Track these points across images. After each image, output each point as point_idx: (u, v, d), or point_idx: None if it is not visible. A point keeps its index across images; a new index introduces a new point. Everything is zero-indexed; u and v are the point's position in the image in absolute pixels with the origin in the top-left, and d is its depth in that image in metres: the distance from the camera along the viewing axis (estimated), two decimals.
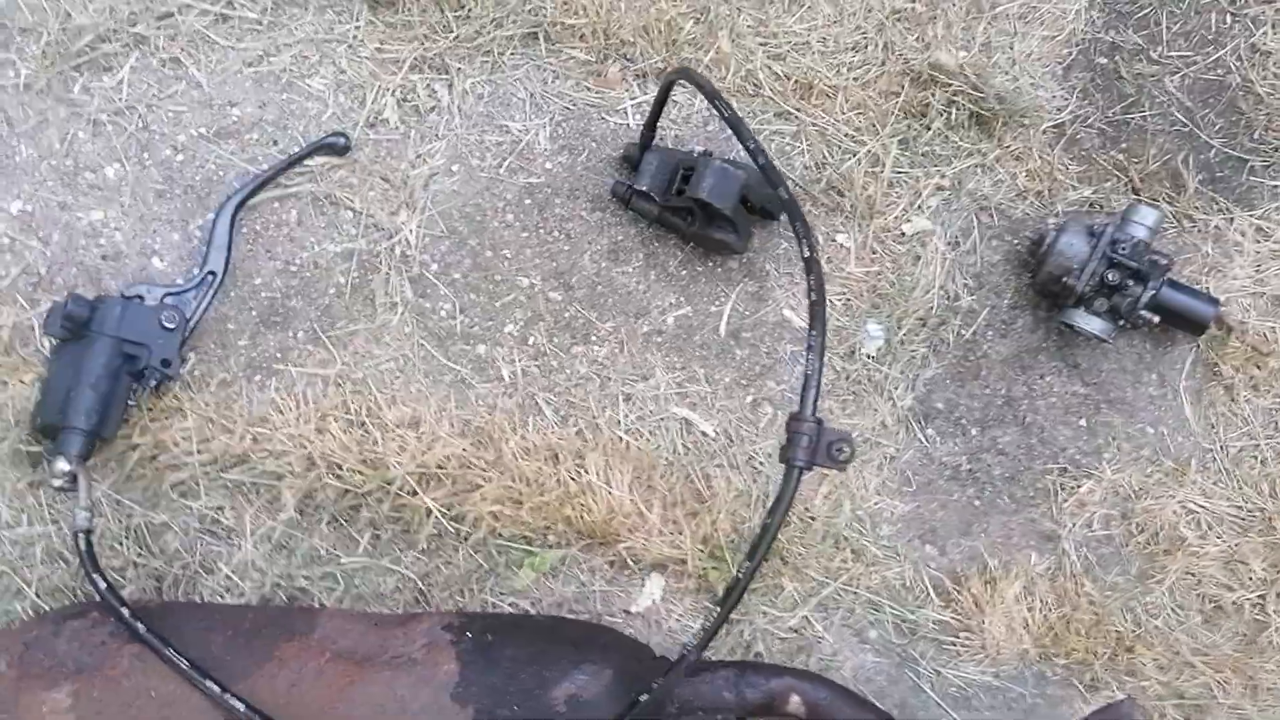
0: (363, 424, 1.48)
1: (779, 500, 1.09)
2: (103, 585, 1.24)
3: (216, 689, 1.17)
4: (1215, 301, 1.55)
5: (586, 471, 1.49)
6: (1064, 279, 1.51)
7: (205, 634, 1.23)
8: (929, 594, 1.54)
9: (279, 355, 1.50)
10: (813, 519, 1.54)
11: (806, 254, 1.13)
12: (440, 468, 1.46)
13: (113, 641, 1.22)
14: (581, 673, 1.27)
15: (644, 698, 1.21)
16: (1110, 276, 1.48)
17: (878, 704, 1.42)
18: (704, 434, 1.55)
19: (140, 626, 1.20)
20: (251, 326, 1.51)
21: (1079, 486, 1.58)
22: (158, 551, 1.43)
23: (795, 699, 1.37)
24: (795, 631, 1.51)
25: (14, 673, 1.19)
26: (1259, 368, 1.62)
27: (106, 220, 1.48)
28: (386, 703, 1.22)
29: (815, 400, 1.06)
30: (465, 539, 1.47)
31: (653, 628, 1.49)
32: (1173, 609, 1.55)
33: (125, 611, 1.21)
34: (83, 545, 1.29)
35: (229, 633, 1.24)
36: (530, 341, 1.55)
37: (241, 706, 1.16)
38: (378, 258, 1.52)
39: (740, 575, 1.09)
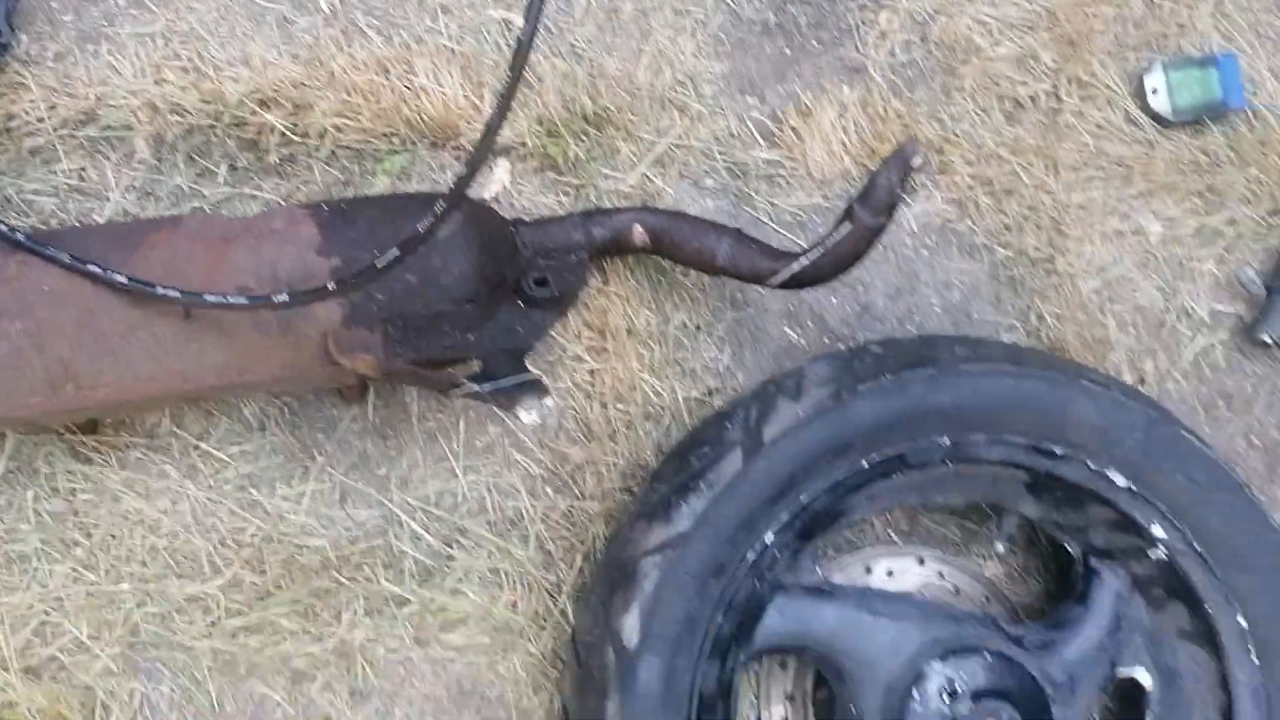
0: (196, 68, 1.56)
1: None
2: None
3: (97, 269, 1.29)
4: None
5: (417, 76, 1.60)
6: None
7: (81, 239, 1.34)
8: (755, 138, 1.68)
9: (105, 22, 1.57)
10: (638, 89, 1.66)
11: None
12: (276, 91, 1.56)
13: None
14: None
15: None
16: None
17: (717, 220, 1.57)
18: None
19: (20, 236, 1.31)
20: (74, 2, 1.57)
21: (878, 19, 1.71)
22: (33, 214, 1.54)
23: (638, 229, 1.52)
24: (637, 189, 1.64)
25: None
26: None
27: None
28: (257, 266, 1.35)
29: None
30: (315, 153, 1.58)
31: (507, 210, 1.62)
32: (975, 112, 1.70)
33: (3, 227, 1.31)
34: None
35: (102, 236, 1.36)
36: None
37: (124, 279, 1.29)
38: None
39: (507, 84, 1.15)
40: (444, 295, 1.38)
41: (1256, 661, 1.36)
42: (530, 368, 1.34)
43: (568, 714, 1.36)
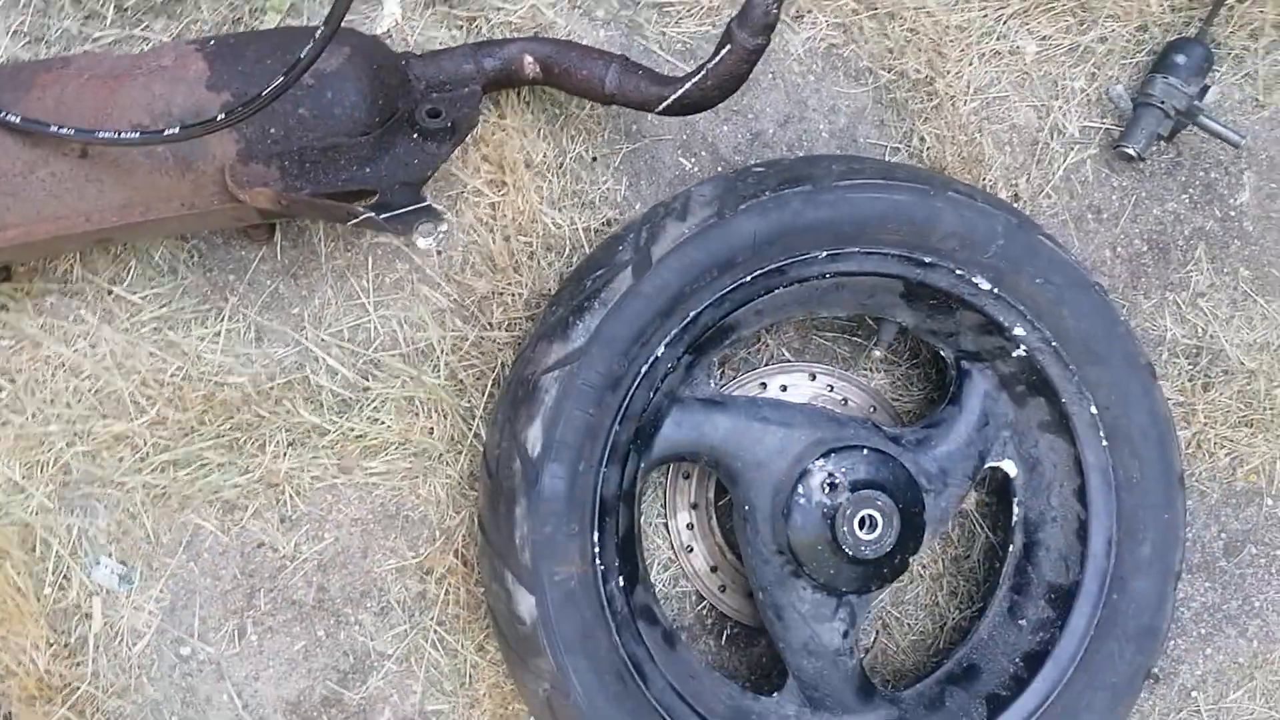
0: None
1: None
2: None
3: None
4: None
5: None
6: None
7: None
8: None
9: None
10: None
11: None
12: None
13: None
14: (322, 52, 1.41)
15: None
16: None
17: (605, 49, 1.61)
18: None
19: None
20: None
21: None
22: None
23: (528, 59, 1.55)
24: (528, 20, 1.66)
25: None
26: None
27: None
28: (150, 103, 1.36)
29: None
30: None
31: (400, 45, 1.64)
32: None
33: None
34: None
35: None
36: None
37: (17, 119, 1.30)
38: None
39: None
40: (338, 128, 1.41)
41: (1105, 444, 1.50)
42: (425, 196, 1.38)
43: (483, 526, 1.47)
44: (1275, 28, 1.79)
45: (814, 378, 1.69)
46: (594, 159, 1.69)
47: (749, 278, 1.44)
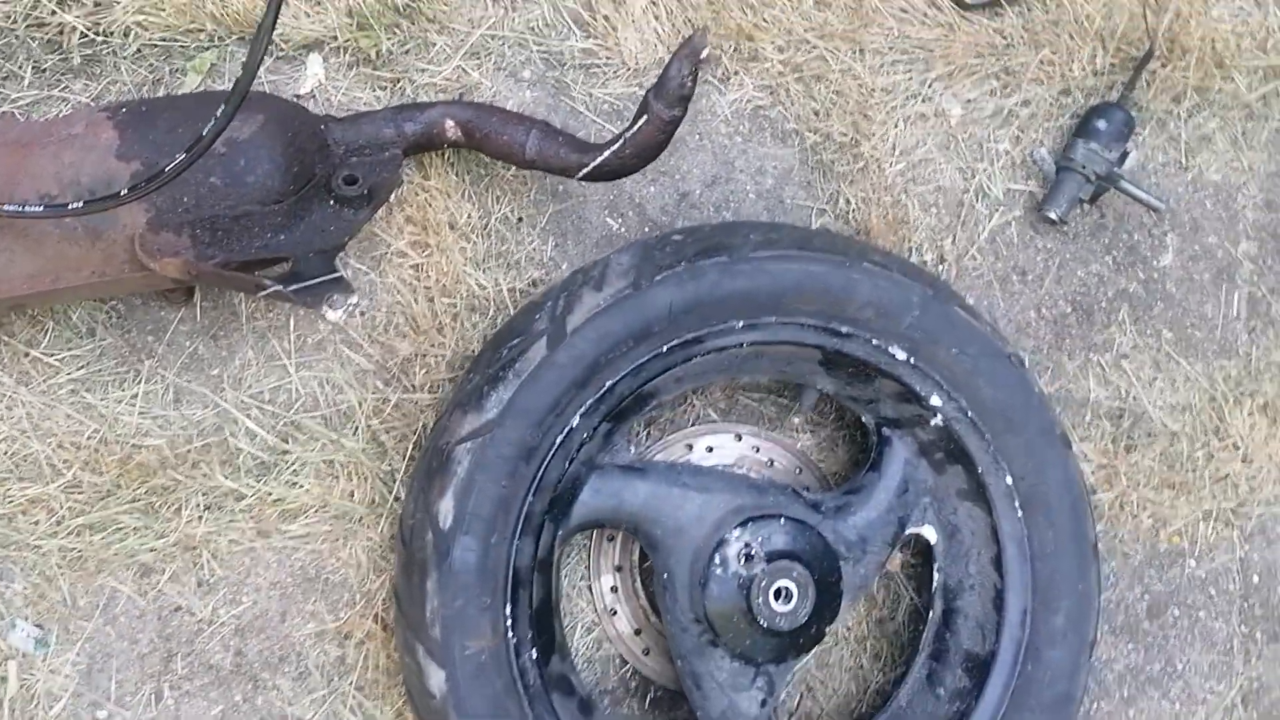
0: None
1: None
2: None
3: None
4: None
5: None
6: None
7: None
8: (569, 26, 1.70)
9: None
10: None
11: None
12: None
13: None
14: (235, 119, 1.40)
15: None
16: None
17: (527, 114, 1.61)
18: None
19: None
20: None
21: None
22: None
23: (450, 123, 1.54)
24: (454, 81, 1.66)
25: None
26: None
27: None
28: (59, 172, 1.35)
29: None
30: (121, 53, 1.56)
31: (324, 106, 1.63)
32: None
33: None
34: None
35: None
36: None
37: None
38: None
39: None
40: (251, 196, 1.41)
41: (1021, 514, 1.51)
42: (338, 266, 1.38)
43: (397, 596, 1.46)
44: (1198, 91, 1.82)
45: (740, 438, 1.69)
46: (519, 219, 1.69)
47: (665, 348, 1.44)
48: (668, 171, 1.73)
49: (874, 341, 1.48)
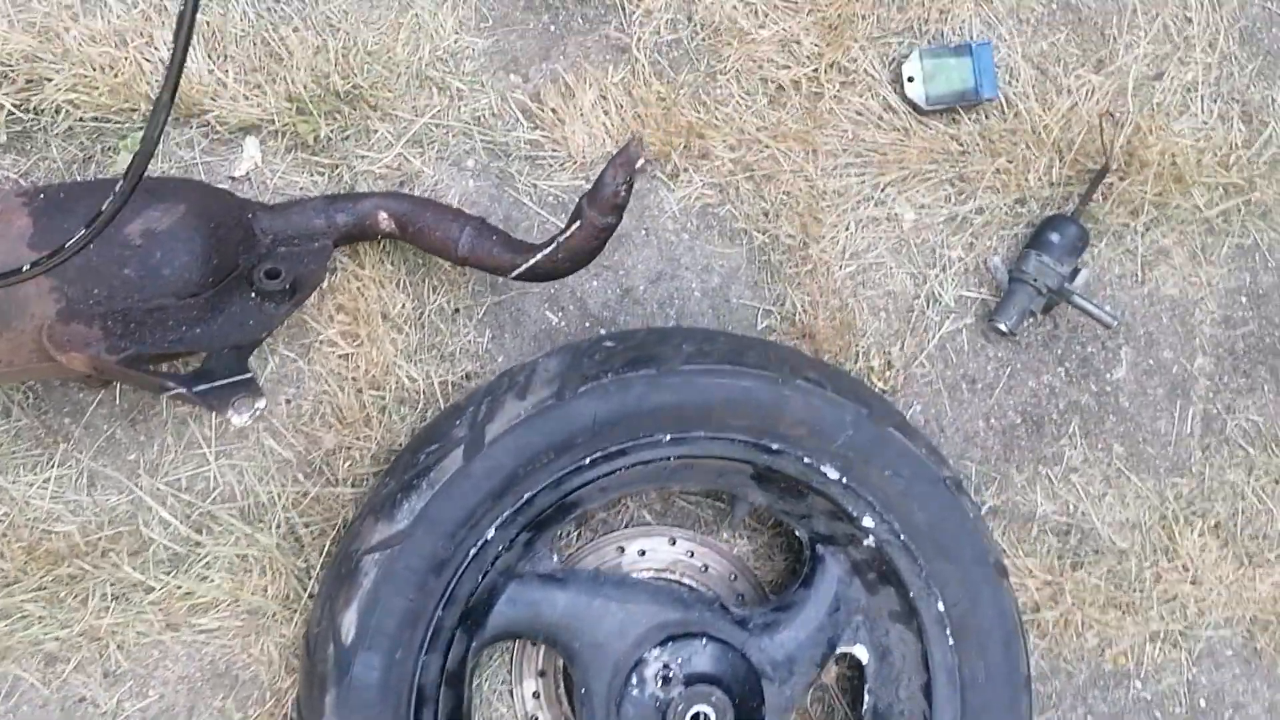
0: None
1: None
2: None
3: None
4: None
5: (157, 49, 1.54)
6: None
7: None
8: (517, 117, 1.67)
9: None
10: (396, 64, 1.63)
11: None
12: (5, 65, 1.49)
13: None
14: (154, 210, 1.36)
15: None
16: None
17: (465, 209, 1.57)
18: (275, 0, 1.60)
19: None
20: None
21: None
22: None
23: (383, 215, 1.51)
24: (394, 169, 1.63)
25: None
26: None
27: None
28: None
29: None
30: (52, 130, 1.52)
31: (259, 189, 1.60)
32: (739, 95, 1.71)
33: None
34: None
35: None
36: None
37: None
38: None
39: (173, 56, 1.12)
40: (166, 289, 1.37)
41: (952, 642, 1.46)
42: (250, 366, 1.33)
43: (299, 707, 1.40)
44: (1155, 205, 1.79)
45: (674, 542, 1.65)
46: (456, 310, 1.65)
47: (588, 460, 1.39)
48: (611, 266, 1.69)
49: (806, 459, 1.44)
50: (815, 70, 1.72)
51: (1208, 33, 1.81)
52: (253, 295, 1.43)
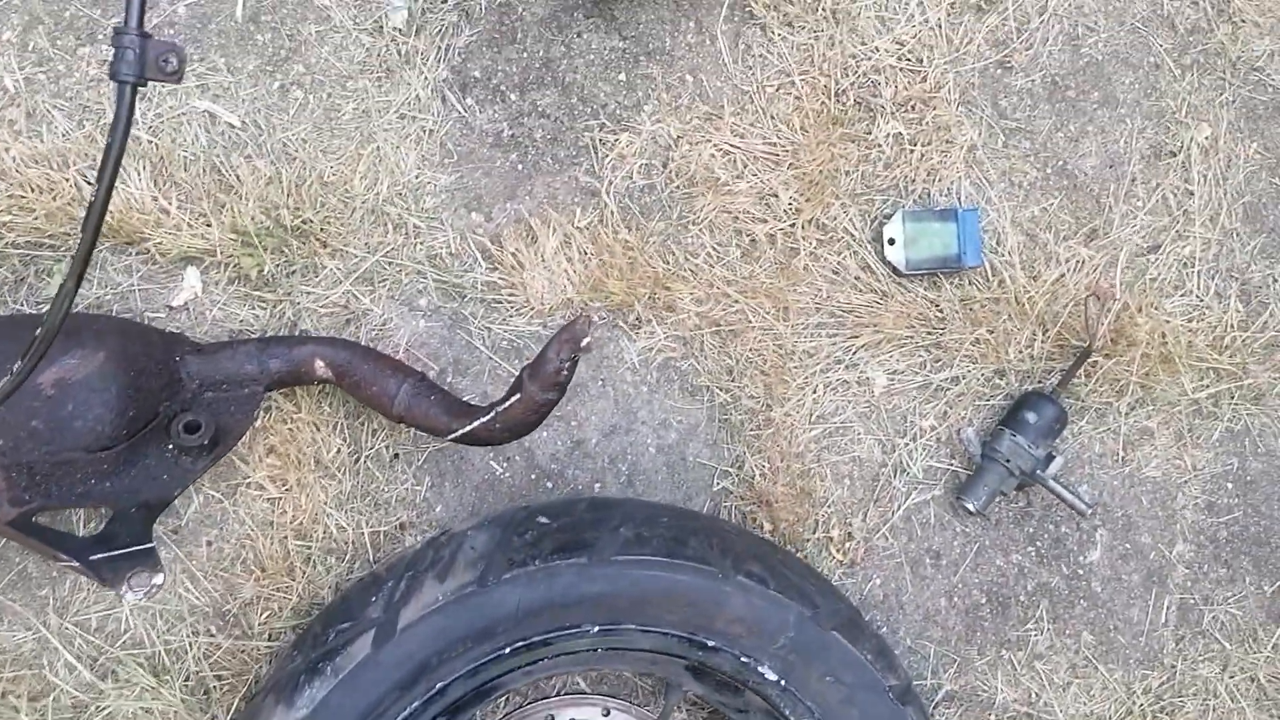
0: None
1: (115, 120, 1.07)
2: None
3: None
4: None
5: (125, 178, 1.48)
6: None
7: None
8: (476, 258, 1.60)
9: None
10: (352, 198, 1.56)
11: None
12: None
13: None
14: (71, 357, 1.30)
15: None
16: None
17: (411, 365, 1.50)
18: (230, 125, 1.54)
19: None
20: None
21: (618, 140, 1.63)
22: None
23: (320, 363, 1.44)
24: (341, 306, 1.56)
25: None
26: (791, 3, 1.65)
27: None
28: None
29: (141, 13, 1.02)
30: None
31: (198, 320, 1.53)
32: (711, 247, 1.64)
33: None
34: None
35: None
36: (32, 46, 1.49)
37: None
38: None
39: (93, 198, 1.07)
40: (77, 442, 1.30)
41: None
42: (154, 534, 1.26)
43: None
44: (1142, 386, 1.70)
45: (608, 713, 1.56)
46: (395, 456, 1.57)
47: (508, 649, 1.31)
48: (564, 416, 1.62)
49: (743, 658, 1.35)
50: (792, 225, 1.64)
51: (1209, 206, 1.73)
52: (170, 448, 1.36)
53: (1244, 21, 1.75)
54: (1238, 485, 1.75)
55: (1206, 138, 1.73)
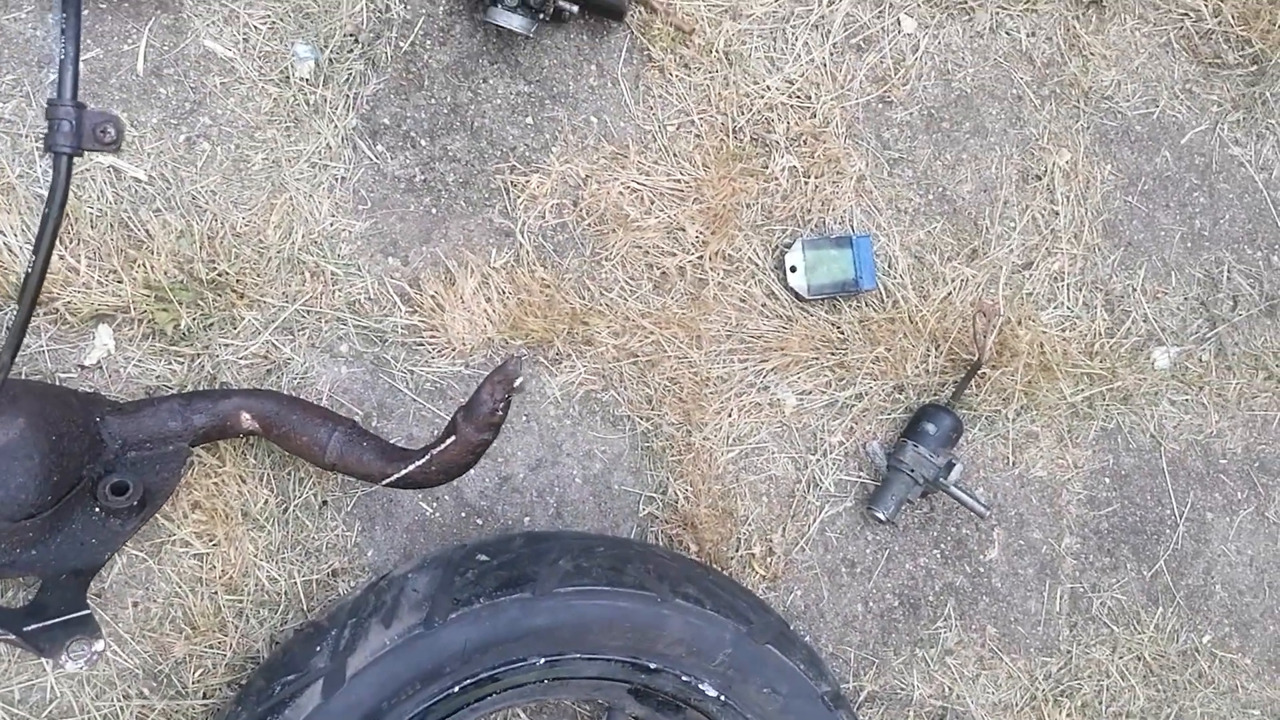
0: None
1: (52, 191, 1.07)
2: None
3: None
4: None
5: (4, 234, 1.44)
6: None
7: None
8: (395, 302, 1.62)
9: None
10: (266, 248, 1.56)
11: None
12: None
13: None
14: None
15: None
16: None
17: (336, 410, 1.51)
18: (136, 179, 1.52)
19: None
20: None
21: (529, 181, 1.67)
22: None
23: (246, 416, 1.44)
24: (261, 357, 1.55)
25: None
26: (686, 46, 1.73)
27: None
28: None
29: (74, 84, 1.03)
30: None
31: (112, 378, 1.50)
32: (624, 281, 1.70)
33: None
34: None
35: None
36: None
37: None
38: None
39: (29, 270, 1.07)
40: (0, 512, 1.26)
41: None
42: (89, 602, 1.24)
43: None
44: (1025, 393, 1.83)
45: None
46: (324, 503, 1.57)
47: (457, 687, 1.33)
48: (491, 454, 1.64)
49: (684, 677, 1.41)
50: (700, 257, 1.72)
51: (1073, 225, 1.88)
52: (97, 511, 1.34)
53: (1093, 54, 1.91)
54: (1114, 479, 1.90)
55: (1067, 162, 1.89)
